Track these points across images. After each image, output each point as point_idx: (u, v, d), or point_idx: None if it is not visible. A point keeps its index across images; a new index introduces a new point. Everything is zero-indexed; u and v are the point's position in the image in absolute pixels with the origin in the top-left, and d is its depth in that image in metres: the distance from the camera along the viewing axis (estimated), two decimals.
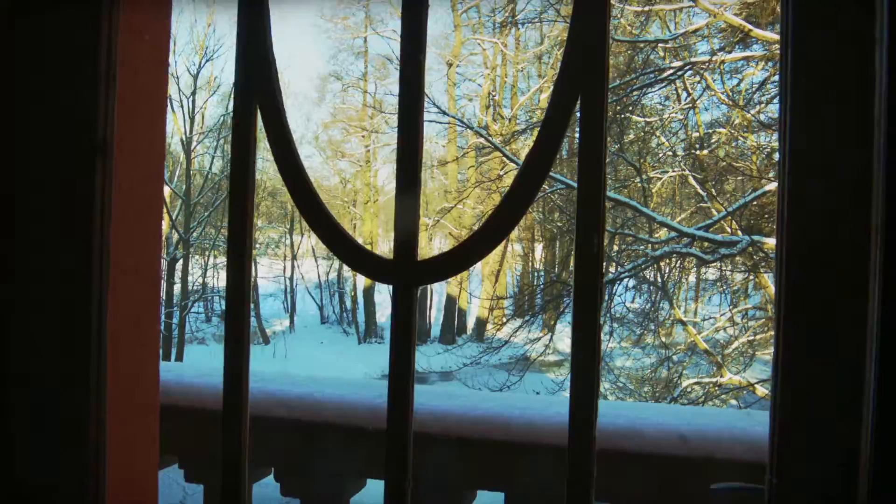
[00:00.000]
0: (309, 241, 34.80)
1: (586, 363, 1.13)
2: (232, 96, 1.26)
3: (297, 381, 2.45)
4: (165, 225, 27.40)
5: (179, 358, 25.07)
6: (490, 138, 15.30)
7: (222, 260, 32.22)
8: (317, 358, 27.76)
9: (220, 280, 32.27)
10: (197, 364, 23.61)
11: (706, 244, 10.84)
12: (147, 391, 1.50)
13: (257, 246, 32.77)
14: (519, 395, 2.32)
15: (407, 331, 1.10)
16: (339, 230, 1.15)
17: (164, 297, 28.57)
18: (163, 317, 27.10)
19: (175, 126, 28.11)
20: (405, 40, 1.19)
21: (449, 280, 31.25)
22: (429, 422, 2.20)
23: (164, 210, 27.19)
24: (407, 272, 1.11)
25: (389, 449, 1.22)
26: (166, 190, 26.85)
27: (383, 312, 35.07)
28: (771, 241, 9.90)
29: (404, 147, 1.15)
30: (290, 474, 2.38)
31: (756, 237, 9.82)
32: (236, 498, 1.27)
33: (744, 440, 2.04)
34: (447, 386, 20.93)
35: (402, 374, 1.12)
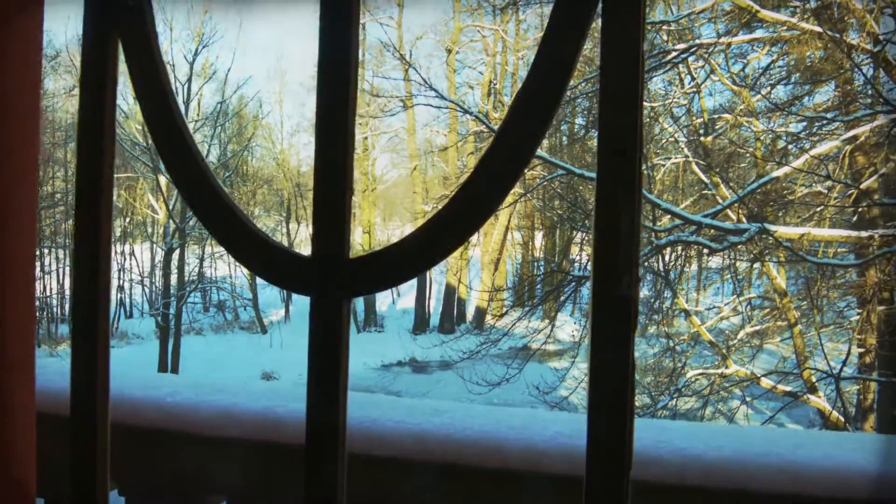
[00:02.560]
0: (306, 230, 34.47)
1: (611, 400, 0.78)
2: (83, 23, 0.91)
3: (256, 393, 2.10)
4: (163, 214, 27.06)
5: (176, 350, 24.77)
6: (488, 123, 14.91)
7: (220, 249, 31.91)
8: None
9: (217, 270, 31.97)
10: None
11: (712, 231, 10.50)
12: (19, 417, 1.17)
13: None
14: (515, 410, 1.99)
15: (333, 364, 0.76)
16: (231, 209, 0.81)
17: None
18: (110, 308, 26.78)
19: None
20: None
21: (444, 269, 30.99)
22: (407, 444, 1.85)
23: (164, 199, 26.88)
24: (331, 277, 0.76)
25: None
26: (162, 180, 26.47)
27: (383, 301, 34.81)
28: (782, 230, 9.56)
29: (326, 94, 0.81)
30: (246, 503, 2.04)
31: (759, 225, 9.49)
32: None
33: (783, 468, 1.69)
34: (444, 375, 20.67)
35: (324, 432, 0.78)
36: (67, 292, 30.05)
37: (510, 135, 0.79)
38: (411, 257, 0.78)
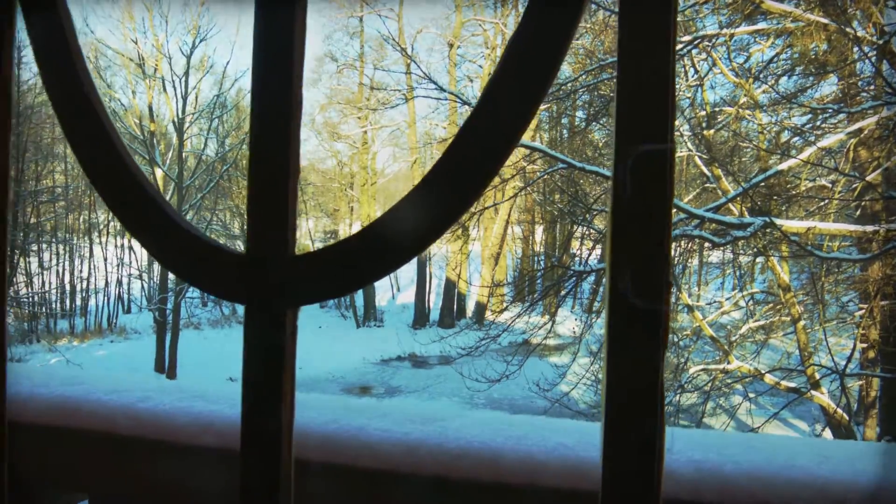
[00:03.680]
0: (306, 224, 34.31)
1: (633, 425, 0.64)
2: None
3: (235, 399, 1.95)
4: None
5: (174, 345, 24.62)
6: None
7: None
8: (314, 343, 27.40)
9: None
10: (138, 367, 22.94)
11: (714, 225, 10.35)
12: None
13: None
14: (514, 418, 1.84)
15: (272, 389, 0.61)
16: (145, 192, 0.65)
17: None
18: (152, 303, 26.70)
19: (167, 107, 27.56)
20: None
21: (444, 264, 30.82)
22: (396, 455, 1.70)
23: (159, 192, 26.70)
24: (268, 281, 0.60)
25: None
26: (158, 173, 26.32)
27: (383, 296, 34.70)
28: (788, 223, 9.42)
29: (263, 59, 0.66)
30: None
31: (766, 219, 9.34)
32: None
33: (808, 483, 1.54)
34: (444, 370, 20.55)
35: (261, 467, 0.63)
36: (67, 288, 29.97)
37: (491, 113, 0.64)
38: (373, 254, 0.62)
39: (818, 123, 11.94)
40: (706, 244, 11.56)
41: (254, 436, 0.68)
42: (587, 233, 15.27)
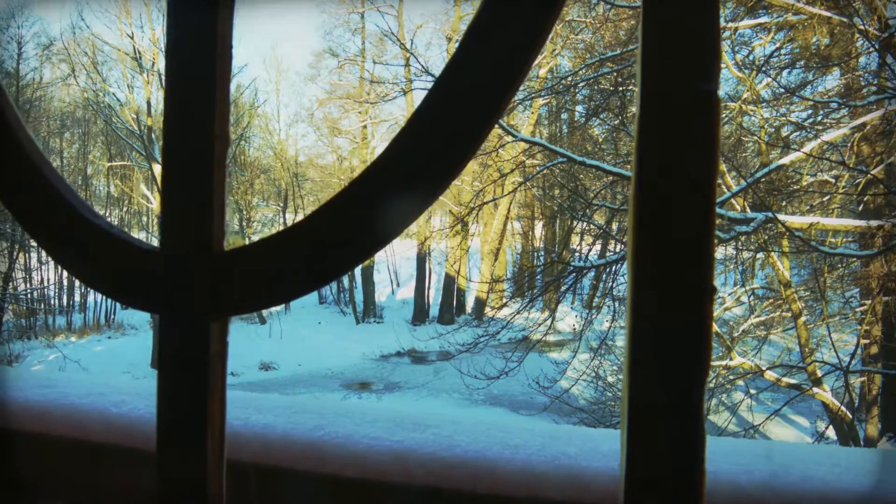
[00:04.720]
0: None
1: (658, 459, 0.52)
2: None
3: (234, 401, 1.85)
4: (157, 204, 26.83)
5: None
6: None
7: None
8: (313, 339, 27.33)
9: None
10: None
11: (719, 220, 10.23)
12: None
13: (253, 224, 32.23)
14: (511, 423, 1.73)
15: (196, 413, 0.50)
16: (35, 168, 0.52)
17: None
18: None
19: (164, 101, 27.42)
20: None
21: (443, 260, 30.70)
22: (386, 464, 1.60)
23: (157, 189, 26.59)
24: (188, 283, 0.48)
25: None
26: (156, 168, 26.20)
27: (383, 291, 34.60)
28: (791, 219, 9.31)
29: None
30: None
31: (767, 213, 9.23)
32: None
33: (825, 493, 1.44)
34: (443, 366, 20.46)
35: None
36: (65, 283, 29.90)
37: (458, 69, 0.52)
38: (327, 245, 0.49)
39: (819, 118, 11.84)
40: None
41: (171, 486, 0.56)
42: (587, 228, 15.17)
